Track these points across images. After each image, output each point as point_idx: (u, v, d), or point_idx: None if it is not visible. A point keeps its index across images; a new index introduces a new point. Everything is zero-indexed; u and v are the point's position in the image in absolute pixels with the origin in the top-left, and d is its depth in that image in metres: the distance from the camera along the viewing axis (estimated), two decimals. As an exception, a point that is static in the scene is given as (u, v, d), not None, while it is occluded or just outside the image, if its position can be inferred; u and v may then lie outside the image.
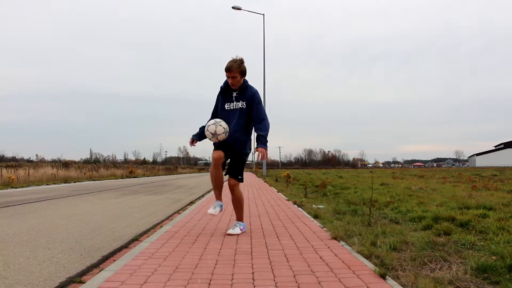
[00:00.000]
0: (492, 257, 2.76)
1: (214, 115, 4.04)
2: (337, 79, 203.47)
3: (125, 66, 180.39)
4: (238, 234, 3.84)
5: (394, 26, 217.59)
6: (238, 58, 3.81)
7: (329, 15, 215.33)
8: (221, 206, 4.00)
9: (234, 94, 3.89)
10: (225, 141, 3.78)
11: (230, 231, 3.87)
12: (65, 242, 3.81)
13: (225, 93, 3.95)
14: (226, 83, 3.92)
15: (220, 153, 3.82)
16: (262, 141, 3.72)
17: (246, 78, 3.91)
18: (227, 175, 3.97)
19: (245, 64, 3.85)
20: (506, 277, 2.34)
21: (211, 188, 4.61)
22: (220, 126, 3.68)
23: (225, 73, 3.81)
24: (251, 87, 3.90)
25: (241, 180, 3.94)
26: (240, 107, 3.85)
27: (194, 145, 4.09)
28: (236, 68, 3.75)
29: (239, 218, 4.04)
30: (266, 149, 3.70)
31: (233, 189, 3.97)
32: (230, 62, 3.79)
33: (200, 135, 4.02)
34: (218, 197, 3.99)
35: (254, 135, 3.90)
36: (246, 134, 3.91)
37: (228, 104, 3.91)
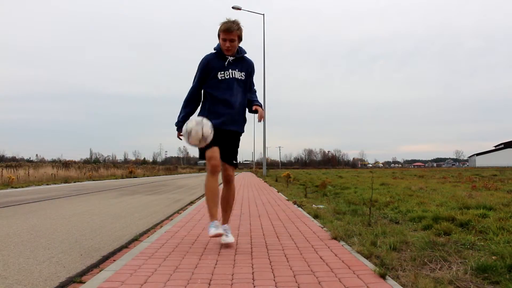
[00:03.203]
0: (492, 257, 2.76)
1: (198, 91, 3.34)
2: (337, 79, 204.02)
3: (125, 66, 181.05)
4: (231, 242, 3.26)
5: (393, 26, 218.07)
6: (234, 20, 3.24)
7: (329, 15, 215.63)
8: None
9: (230, 59, 3.28)
10: (231, 119, 3.26)
11: (225, 239, 3.22)
12: (65, 242, 3.81)
13: (215, 62, 3.28)
14: (218, 49, 3.30)
15: (217, 153, 3.20)
16: (258, 101, 3.44)
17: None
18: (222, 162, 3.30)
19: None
20: (506, 277, 2.34)
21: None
22: (207, 126, 3.04)
23: (220, 35, 3.23)
24: (248, 57, 3.41)
25: (237, 166, 3.39)
26: (238, 77, 3.29)
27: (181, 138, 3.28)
28: (236, 30, 3.19)
29: (227, 220, 3.42)
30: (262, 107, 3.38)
31: (230, 179, 3.32)
32: (227, 22, 3.19)
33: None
34: (216, 215, 3.22)
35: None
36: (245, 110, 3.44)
37: (222, 72, 3.25)
